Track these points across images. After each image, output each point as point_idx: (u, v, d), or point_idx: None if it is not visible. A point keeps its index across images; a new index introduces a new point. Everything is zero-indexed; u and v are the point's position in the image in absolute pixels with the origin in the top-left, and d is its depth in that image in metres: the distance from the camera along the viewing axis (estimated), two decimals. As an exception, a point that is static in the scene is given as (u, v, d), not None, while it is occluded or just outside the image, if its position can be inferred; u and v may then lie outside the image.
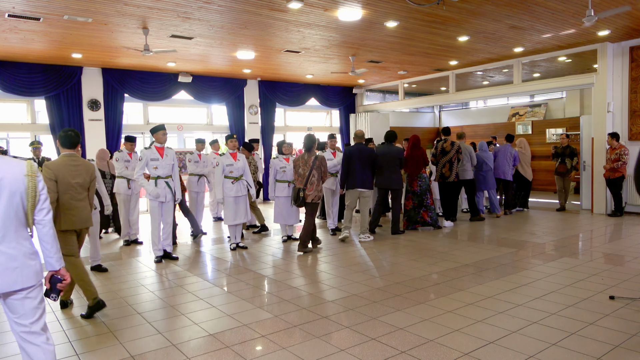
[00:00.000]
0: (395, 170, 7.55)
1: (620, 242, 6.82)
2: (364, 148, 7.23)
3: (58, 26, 7.04)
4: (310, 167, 6.41)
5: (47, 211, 2.37)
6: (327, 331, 3.69)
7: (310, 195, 6.45)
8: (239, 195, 6.68)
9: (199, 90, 11.60)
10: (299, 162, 6.57)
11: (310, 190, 6.43)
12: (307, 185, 6.42)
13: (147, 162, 5.99)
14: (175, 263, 6.12)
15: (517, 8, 6.72)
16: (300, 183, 6.47)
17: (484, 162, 9.14)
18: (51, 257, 2.41)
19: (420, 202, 8.03)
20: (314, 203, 6.53)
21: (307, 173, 6.41)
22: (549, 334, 3.51)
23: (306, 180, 6.42)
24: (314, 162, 6.42)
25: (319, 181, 6.49)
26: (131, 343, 3.56)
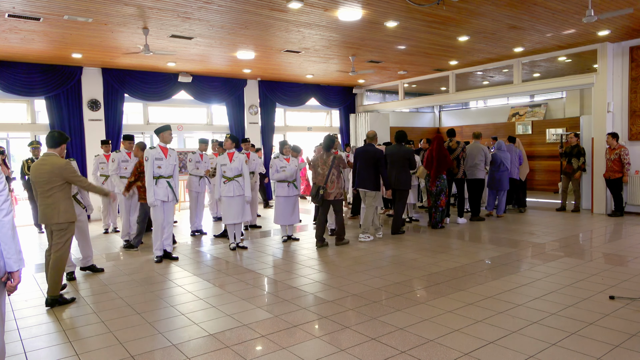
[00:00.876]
0: (404, 170, 7.53)
1: (620, 242, 6.82)
2: (369, 149, 7.22)
3: (58, 26, 7.04)
4: (329, 166, 6.69)
5: (5, 212, 2.36)
6: (327, 331, 3.69)
7: (332, 193, 6.75)
8: (233, 195, 6.66)
9: (199, 90, 11.61)
10: (317, 161, 6.84)
11: (331, 189, 6.74)
12: (327, 183, 6.70)
13: (153, 162, 6.03)
14: (176, 263, 6.12)
15: (517, 8, 6.72)
16: (320, 182, 6.72)
17: (501, 162, 9.11)
18: (9, 257, 2.39)
19: (433, 202, 8.12)
20: (337, 200, 6.81)
21: (327, 172, 6.69)
22: (549, 334, 3.51)
23: (326, 178, 6.70)
24: (332, 161, 6.72)
25: (339, 179, 6.77)
26: (131, 343, 3.56)
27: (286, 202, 7.14)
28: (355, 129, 14.36)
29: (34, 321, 4.13)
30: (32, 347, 3.55)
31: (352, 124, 14.43)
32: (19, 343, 3.63)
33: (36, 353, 3.45)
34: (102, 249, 7.12)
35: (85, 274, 5.64)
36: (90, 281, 5.35)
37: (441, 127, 17.18)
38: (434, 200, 8.07)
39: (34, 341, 3.68)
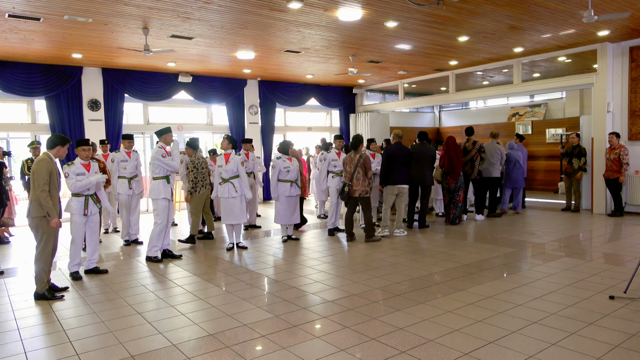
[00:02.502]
0: (428, 168, 7.98)
1: (620, 242, 6.81)
2: (403, 147, 7.67)
3: (58, 26, 7.04)
4: (355, 165, 6.94)
5: None
6: (327, 331, 3.69)
7: (357, 190, 6.99)
8: (227, 196, 6.66)
9: (199, 90, 11.61)
10: (347, 160, 7.18)
11: (357, 186, 6.98)
12: (352, 180, 6.97)
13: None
14: (176, 263, 6.12)
15: (517, 8, 6.72)
16: (347, 179, 7.06)
17: (516, 160, 9.44)
18: None
19: (450, 199, 8.38)
20: (363, 197, 7.04)
21: (353, 170, 6.98)
22: (549, 334, 3.51)
23: (351, 176, 6.99)
24: (358, 160, 6.96)
25: (364, 177, 7.00)
26: (131, 343, 3.56)
27: (287, 202, 7.15)
28: (355, 129, 14.36)
29: (34, 321, 4.13)
30: (32, 347, 3.55)
31: (352, 124, 14.43)
32: (19, 343, 3.63)
33: (36, 353, 3.45)
34: (102, 248, 7.12)
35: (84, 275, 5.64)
36: (91, 281, 5.35)
37: (441, 127, 17.18)
38: (452, 197, 8.36)
39: (34, 341, 3.68)
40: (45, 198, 4.58)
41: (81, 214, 5.29)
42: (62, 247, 7.15)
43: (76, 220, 5.30)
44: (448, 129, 16.73)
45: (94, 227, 5.49)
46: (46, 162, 4.66)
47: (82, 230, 5.40)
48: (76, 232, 5.34)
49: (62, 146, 4.85)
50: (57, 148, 4.82)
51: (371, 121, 13.87)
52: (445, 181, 8.34)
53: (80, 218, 5.31)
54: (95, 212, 5.45)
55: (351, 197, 7.08)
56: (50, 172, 4.65)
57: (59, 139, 4.86)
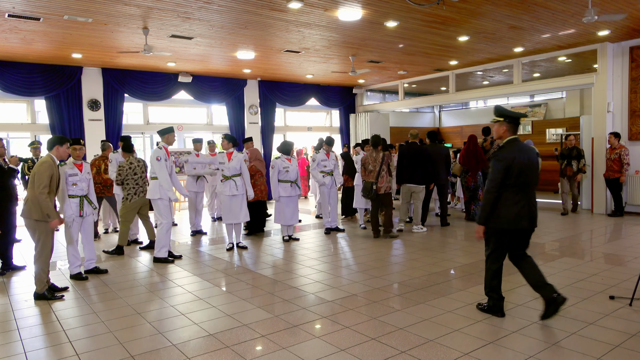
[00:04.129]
0: (442, 167, 8.22)
1: (620, 242, 6.81)
2: (417, 147, 7.84)
3: (58, 26, 7.04)
4: (379, 163, 7.15)
5: None
6: (327, 331, 3.69)
7: (382, 187, 7.20)
8: (230, 194, 6.66)
9: (199, 90, 11.61)
10: (367, 159, 7.29)
11: (381, 183, 7.19)
12: (378, 179, 7.14)
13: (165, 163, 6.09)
14: (176, 263, 6.12)
15: (517, 8, 6.72)
16: (371, 178, 7.19)
17: None
18: None
19: (472, 197, 8.60)
20: (386, 194, 7.25)
21: (378, 168, 7.16)
22: (549, 334, 3.51)
23: (377, 174, 7.13)
24: (382, 158, 7.18)
25: (387, 174, 7.25)
26: (131, 343, 3.56)
27: (288, 202, 7.15)
28: (355, 129, 14.36)
29: (34, 321, 4.13)
30: (32, 347, 3.55)
31: (352, 124, 14.43)
32: (19, 343, 3.63)
33: (36, 353, 3.45)
34: (102, 248, 7.11)
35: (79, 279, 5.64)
36: (91, 281, 5.34)
37: (441, 127, 17.17)
38: (472, 194, 8.58)
39: (34, 341, 3.68)
40: (45, 200, 4.57)
41: (77, 215, 5.29)
42: (62, 246, 7.15)
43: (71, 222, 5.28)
44: (448, 129, 16.73)
45: (88, 228, 5.49)
46: (49, 164, 4.67)
47: (76, 232, 5.36)
48: (71, 233, 5.32)
49: (61, 145, 4.87)
50: (56, 148, 4.84)
51: (371, 121, 13.87)
52: (465, 179, 8.61)
53: (76, 219, 5.30)
54: (90, 213, 5.45)
55: (378, 195, 7.25)
56: (51, 175, 4.66)
57: (57, 138, 4.89)
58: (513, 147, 3.70)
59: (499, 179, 3.68)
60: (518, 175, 3.65)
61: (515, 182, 3.66)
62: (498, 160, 3.69)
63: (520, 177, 3.65)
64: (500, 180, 3.68)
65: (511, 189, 3.68)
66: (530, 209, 3.70)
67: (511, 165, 3.65)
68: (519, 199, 3.68)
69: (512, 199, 3.68)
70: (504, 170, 3.66)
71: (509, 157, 3.65)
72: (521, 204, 3.67)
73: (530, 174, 3.69)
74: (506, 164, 3.65)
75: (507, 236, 3.76)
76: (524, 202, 3.68)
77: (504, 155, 3.68)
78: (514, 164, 3.65)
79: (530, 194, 3.73)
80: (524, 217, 3.67)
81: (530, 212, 3.70)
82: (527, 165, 3.68)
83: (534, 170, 3.73)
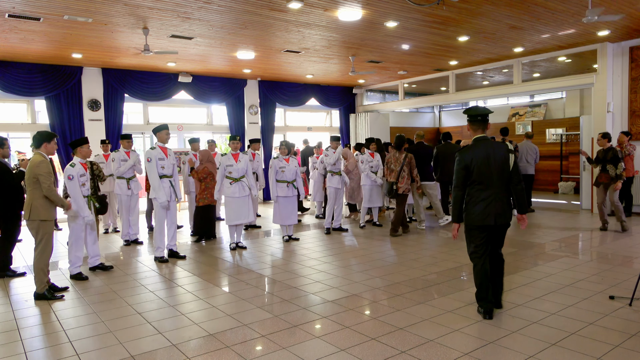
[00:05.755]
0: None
1: (620, 242, 6.81)
2: (426, 147, 8.24)
3: (58, 26, 7.04)
4: (401, 164, 7.32)
5: None
6: (327, 331, 3.69)
7: (402, 188, 7.37)
8: (239, 196, 6.68)
9: (199, 90, 11.60)
10: (390, 159, 7.50)
11: (402, 184, 7.35)
12: (399, 179, 7.31)
13: (157, 162, 6.04)
14: (177, 263, 6.12)
15: (517, 8, 6.72)
16: (392, 178, 7.38)
17: None
18: None
19: None
20: (404, 194, 7.44)
21: (399, 169, 7.33)
22: (549, 334, 3.51)
23: (398, 174, 7.32)
24: (404, 159, 7.35)
25: (409, 175, 7.43)
26: (131, 343, 3.56)
27: (286, 203, 7.15)
28: (355, 129, 14.36)
29: (34, 321, 4.13)
30: (32, 347, 3.55)
31: (352, 124, 14.43)
32: (19, 343, 3.63)
33: (36, 353, 3.45)
34: (102, 248, 7.11)
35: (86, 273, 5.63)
36: (91, 281, 5.35)
37: (441, 127, 17.17)
38: None
39: (34, 341, 3.68)
40: (56, 194, 4.72)
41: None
42: (62, 247, 7.16)
43: (77, 221, 5.32)
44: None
45: (93, 225, 5.60)
46: (46, 163, 4.75)
47: (81, 231, 5.41)
48: (78, 233, 5.38)
49: (49, 142, 4.89)
50: (44, 145, 4.85)
51: (371, 121, 13.87)
52: None
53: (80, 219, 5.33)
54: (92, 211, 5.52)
55: (398, 194, 7.42)
56: (50, 172, 4.76)
57: (43, 135, 4.88)
58: (477, 146, 3.81)
59: (459, 178, 3.86)
60: (479, 174, 3.77)
61: (476, 179, 3.79)
62: (457, 161, 3.87)
63: (480, 174, 3.77)
64: (461, 178, 3.85)
65: (476, 187, 3.81)
66: (496, 206, 3.77)
67: (469, 164, 3.80)
68: (484, 196, 3.79)
69: (477, 197, 3.81)
70: (462, 170, 3.83)
71: (466, 157, 3.81)
72: (487, 201, 3.78)
73: (492, 171, 3.77)
74: (464, 164, 3.81)
75: (477, 231, 3.86)
76: (490, 199, 3.77)
77: (462, 155, 3.85)
78: (472, 163, 3.78)
79: (498, 191, 3.79)
80: (490, 214, 3.77)
81: (496, 209, 3.77)
82: (486, 163, 3.76)
83: (498, 167, 3.77)
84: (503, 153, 3.80)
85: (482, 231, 3.84)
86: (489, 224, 3.79)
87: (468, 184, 3.85)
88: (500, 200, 3.79)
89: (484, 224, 3.79)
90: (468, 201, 3.87)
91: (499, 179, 3.79)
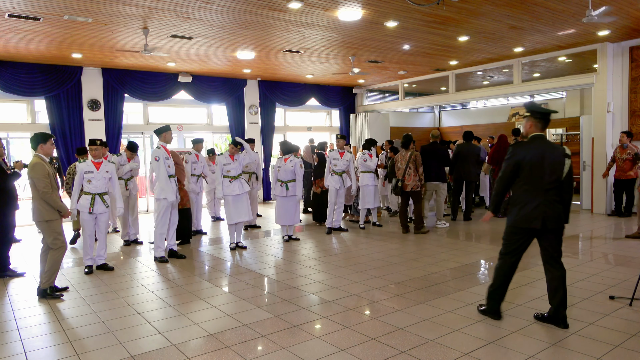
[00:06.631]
0: (474, 165, 8.75)
1: (620, 242, 6.81)
2: (439, 146, 8.40)
3: (58, 26, 7.04)
4: (407, 161, 7.49)
5: None
6: (327, 331, 3.69)
7: (410, 185, 7.52)
8: (238, 193, 6.69)
9: (199, 90, 11.60)
10: (398, 157, 7.70)
11: (408, 181, 7.51)
12: (404, 176, 7.49)
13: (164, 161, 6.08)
14: (177, 262, 6.11)
15: (517, 8, 6.72)
16: (398, 175, 7.59)
17: None
18: None
19: None
20: (414, 192, 7.57)
21: (405, 166, 7.50)
22: (548, 334, 3.51)
23: (404, 172, 7.50)
24: (409, 157, 7.51)
25: (415, 173, 7.55)
26: (131, 343, 3.56)
27: (282, 202, 7.16)
28: (355, 129, 14.36)
29: (34, 321, 4.13)
30: (32, 347, 3.55)
31: (352, 124, 14.43)
32: (19, 343, 3.63)
33: (36, 353, 3.45)
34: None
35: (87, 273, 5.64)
36: (91, 281, 5.35)
37: (441, 127, 17.16)
38: None
39: (34, 341, 3.68)
40: (51, 197, 4.69)
41: (87, 212, 5.52)
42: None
43: (84, 217, 5.56)
44: (448, 129, 16.71)
45: (102, 225, 5.73)
46: (40, 165, 4.73)
47: (90, 227, 5.64)
48: (84, 227, 5.62)
49: (45, 143, 4.87)
50: (40, 146, 4.85)
51: (371, 121, 13.86)
52: (493, 177, 8.97)
53: (87, 215, 5.55)
54: (102, 211, 5.63)
55: (404, 192, 7.60)
56: (47, 174, 4.72)
57: (39, 137, 4.87)
58: (533, 144, 3.57)
59: (507, 171, 3.64)
60: (529, 173, 3.54)
61: (526, 178, 3.56)
62: (509, 155, 3.63)
63: (531, 174, 3.53)
64: (509, 172, 3.63)
65: (524, 186, 3.58)
66: (545, 209, 3.52)
67: (521, 161, 3.56)
68: (532, 198, 3.55)
69: (524, 197, 3.59)
70: (513, 165, 3.60)
71: (520, 152, 3.58)
72: (534, 203, 3.54)
73: (544, 173, 3.51)
74: (516, 159, 3.59)
75: (520, 235, 3.65)
76: (539, 201, 3.53)
77: (515, 149, 3.62)
78: (524, 160, 3.55)
79: (548, 194, 3.54)
80: (537, 217, 3.53)
81: (545, 212, 3.52)
82: (540, 163, 3.51)
83: (551, 169, 3.51)
84: (560, 156, 3.54)
85: (524, 234, 3.63)
86: (535, 227, 3.56)
87: (516, 181, 3.62)
88: (551, 204, 3.54)
89: (529, 226, 3.56)
90: (514, 200, 3.64)
91: (550, 182, 3.53)
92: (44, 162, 4.78)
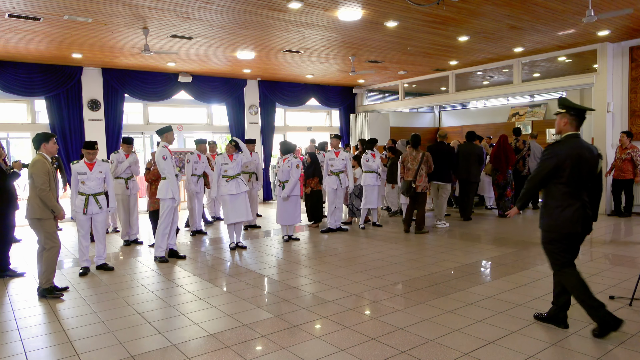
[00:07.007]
0: (475, 165, 8.78)
1: (620, 242, 6.81)
2: (444, 146, 8.34)
3: (58, 26, 7.04)
4: (419, 162, 7.44)
5: None
6: (327, 331, 3.69)
7: (420, 186, 7.51)
8: (236, 192, 6.69)
9: (199, 90, 11.60)
10: (407, 158, 7.59)
11: (419, 182, 7.49)
12: (416, 177, 7.43)
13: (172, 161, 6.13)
14: (177, 262, 6.11)
15: (517, 8, 6.72)
16: (409, 177, 7.50)
17: None
18: None
19: (500, 194, 9.04)
20: (423, 192, 7.57)
21: (417, 167, 7.43)
22: (548, 334, 3.51)
23: (415, 173, 7.43)
24: (422, 158, 7.46)
25: (426, 174, 7.55)
26: (131, 343, 3.56)
27: (284, 203, 7.16)
28: (355, 129, 14.36)
29: (34, 321, 4.13)
30: (32, 347, 3.55)
31: (352, 124, 14.43)
32: (19, 343, 3.63)
33: (36, 353, 3.45)
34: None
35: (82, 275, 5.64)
36: (91, 281, 5.35)
37: (441, 127, 17.16)
38: (501, 192, 9.03)
39: (34, 341, 3.68)
40: (47, 196, 4.67)
41: (81, 212, 5.52)
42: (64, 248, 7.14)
43: (79, 218, 5.57)
44: (448, 129, 16.68)
45: (98, 225, 5.71)
46: (42, 162, 4.73)
47: (85, 228, 5.62)
48: (79, 228, 5.61)
49: (47, 142, 4.89)
50: (42, 146, 4.86)
51: (371, 121, 13.87)
52: (495, 177, 9.07)
53: (81, 216, 5.55)
54: (97, 211, 5.61)
55: (415, 193, 7.55)
56: (47, 172, 4.72)
57: (41, 136, 4.89)
58: (570, 144, 3.36)
59: (544, 172, 3.41)
60: (571, 175, 3.34)
61: (567, 180, 3.36)
62: (549, 154, 3.38)
63: (572, 176, 3.34)
64: (546, 174, 3.40)
65: (563, 189, 3.38)
66: (584, 212, 3.41)
67: (561, 163, 3.34)
68: (573, 201, 3.38)
69: (564, 200, 3.39)
70: (552, 166, 3.36)
71: (561, 153, 3.34)
72: (575, 206, 3.38)
73: (582, 174, 3.35)
74: (556, 160, 3.34)
75: (565, 241, 3.47)
76: (579, 204, 3.39)
77: (556, 150, 3.36)
78: (566, 161, 3.33)
79: (584, 196, 3.44)
80: (578, 221, 3.38)
81: (584, 215, 3.40)
82: (578, 164, 3.33)
83: (588, 170, 3.37)
84: (595, 157, 3.39)
85: (568, 240, 3.45)
86: (577, 232, 3.39)
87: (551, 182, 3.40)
88: (586, 206, 3.41)
89: (573, 231, 3.38)
90: (551, 205, 3.41)
91: (587, 184, 3.38)
92: (45, 160, 4.79)
